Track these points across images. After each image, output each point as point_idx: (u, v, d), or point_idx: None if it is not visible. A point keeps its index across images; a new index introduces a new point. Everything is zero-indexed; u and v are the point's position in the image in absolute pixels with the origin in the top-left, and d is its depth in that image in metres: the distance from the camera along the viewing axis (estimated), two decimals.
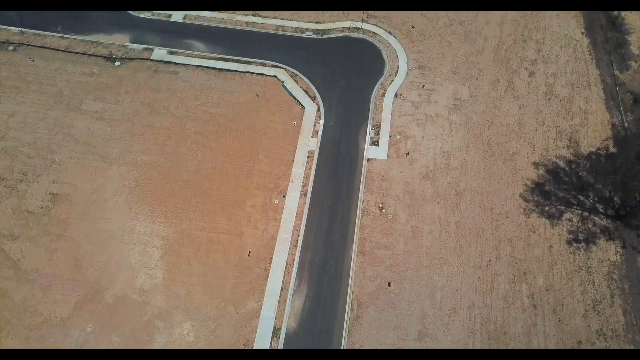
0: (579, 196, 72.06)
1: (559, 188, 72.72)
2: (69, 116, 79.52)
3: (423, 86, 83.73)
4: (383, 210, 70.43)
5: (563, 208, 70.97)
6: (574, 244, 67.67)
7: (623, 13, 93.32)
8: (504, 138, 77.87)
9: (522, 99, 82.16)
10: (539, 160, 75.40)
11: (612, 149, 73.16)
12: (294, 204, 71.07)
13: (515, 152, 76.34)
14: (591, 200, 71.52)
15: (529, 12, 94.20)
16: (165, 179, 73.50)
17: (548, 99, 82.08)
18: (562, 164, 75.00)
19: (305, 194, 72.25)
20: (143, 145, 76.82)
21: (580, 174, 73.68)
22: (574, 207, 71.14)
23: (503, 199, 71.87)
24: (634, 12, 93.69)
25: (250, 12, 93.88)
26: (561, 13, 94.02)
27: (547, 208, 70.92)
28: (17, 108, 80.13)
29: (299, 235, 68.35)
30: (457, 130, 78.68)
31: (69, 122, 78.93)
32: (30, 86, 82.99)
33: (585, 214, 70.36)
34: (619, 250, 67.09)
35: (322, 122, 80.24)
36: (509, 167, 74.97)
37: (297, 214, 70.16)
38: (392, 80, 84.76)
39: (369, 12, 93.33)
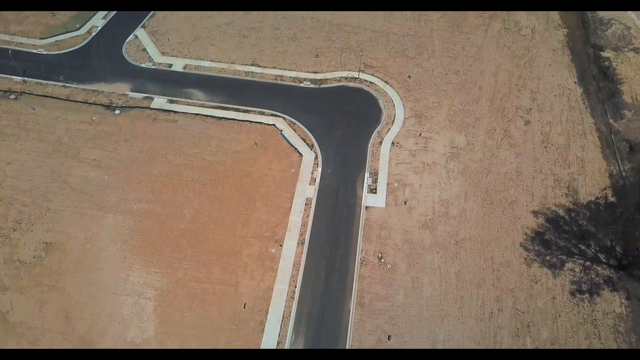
0: (580, 245, 71.09)
1: (560, 237, 71.85)
2: (67, 164, 79.47)
3: (420, 134, 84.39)
4: (382, 260, 69.22)
5: (564, 257, 69.84)
6: (578, 295, 66.12)
7: (614, 63, 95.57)
8: (502, 186, 77.69)
9: (519, 147, 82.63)
10: (538, 209, 74.91)
11: (611, 198, 72.82)
12: (291, 254, 69.88)
13: (514, 201, 75.96)
14: (593, 250, 70.50)
15: (522, 62, 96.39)
16: (161, 228, 72.56)
17: (545, 147, 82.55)
18: (561, 212, 74.48)
19: (302, 243, 71.19)
20: (140, 194, 76.35)
21: (580, 222, 73.03)
22: (576, 256, 70.03)
23: (503, 248, 70.85)
24: (624, 61, 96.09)
25: (250, 62, 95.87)
26: (554, 64, 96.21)
27: (548, 257, 69.79)
28: (15, 156, 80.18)
29: (296, 287, 66.76)
30: (455, 178, 78.61)
31: (66, 170, 78.80)
32: (30, 134, 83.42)
33: (588, 263, 69.16)
34: (623, 301, 65.47)
35: (319, 169, 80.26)
36: (508, 215, 74.38)
37: (294, 264, 68.85)
38: (389, 129, 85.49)
39: (365, 61, 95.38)
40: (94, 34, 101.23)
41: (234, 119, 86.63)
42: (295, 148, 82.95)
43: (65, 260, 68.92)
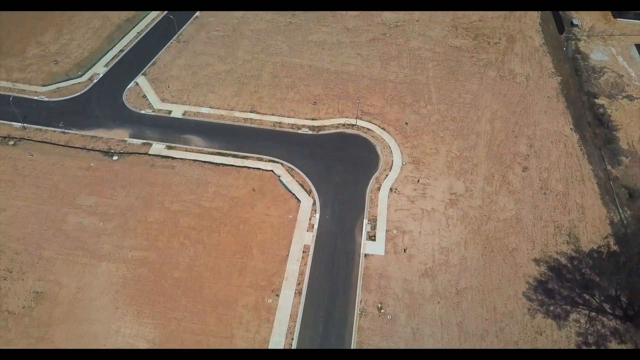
0: (584, 295, 69.44)
1: (563, 286, 70.30)
2: (62, 211, 78.57)
3: (418, 181, 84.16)
4: (382, 311, 67.32)
5: (569, 308, 68.05)
6: (584, 348, 63.90)
7: (609, 110, 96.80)
8: (503, 233, 76.75)
9: (518, 194, 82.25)
10: (539, 257, 73.69)
11: (613, 247, 71.78)
12: (287, 304, 67.97)
13: (514, 248, 74.84)
14: (597, 300, 68.81)
15: (518, 109, 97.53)
16: (155, 277, 70.90)
17: (544, 194, 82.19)
18: (563, 260, 73.22)
19: (300, 293, 69.42)
20: (135, 241, 75.12)
21: (583, 271, 71.65)
22: (580, 306, 68.26)
23: (506, 297, 69.14)
24: (619, 108, 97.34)
25: (249, 109, 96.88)
26: (549, 110, 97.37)
27: (552, 308, 68.00)
28: (10, 202, 79.38)
29: (292, 339, 64.51)
30: (455, 225, 77.74)
31: (61, 216, 77.82)
32: (26, 180, 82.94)
33: (593, 314, 67.33)
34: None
35: (317, 215, 79.44)
36: (510, 263, 73.07)
37: (291, 315, 66.85)
38: (386, 175, 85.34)
39: (363, 109, 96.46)
40: (95, 81, 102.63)
41: (232, 165, 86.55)
42: (293, 194, 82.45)
43: (56, 310, 66.89)
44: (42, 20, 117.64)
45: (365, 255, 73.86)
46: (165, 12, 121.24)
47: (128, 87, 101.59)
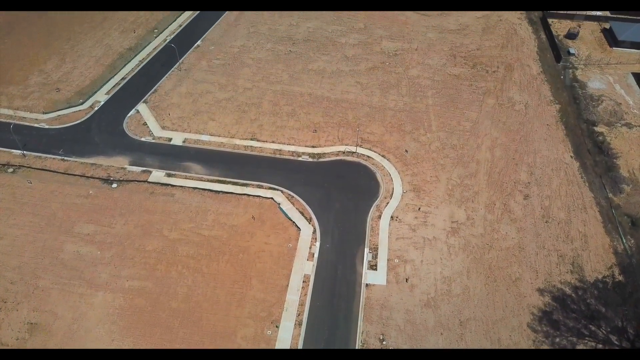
0: (590, 326, 68.08)
1: (568, 317, 69.00)
2: (59, 239, 77.67)
3: (419, 209, 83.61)
4: (384, 343, 65.79)
5: (575, 340, 66.61)
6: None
7: (608, 138, 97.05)
8: (505, 262, 75.80)
9: (520, 222, 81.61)
10: (543, 287, 72.58)
11: (618, 277, 70.78)
12: (287, 336, 66.49)
13: (518, 278, 73.78)
14: (604, 331, 67.41)
15: (517, 137, 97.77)
16: (152, 307, 69.57)
17: (546, 222, 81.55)
18: (568, 290, 72.10)
19: (299, 324, 68.01)
20: (132, 270, 74.01)
21: (588, 301, 70.44)
22: (587, 338, 66.83)
23: (510, 329, 67.77)
24: (618, 136, 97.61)
25: (249, 136, 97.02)
26: (549, 138, 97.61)
27: (558, 339, 66.57)
28: (6, 231, 78.52)
29: None
30: (457, 254, 76.84)
31: (58, 245, 76.87)
32: (24, 208, 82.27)
33: (600, 346, 65.84)
34: None
35: (318, 244, 78.58)
36: (513, 293, 71.91)
37: (290, 348, 65.21)
38: (387, 203, 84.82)
39: (363, 136, 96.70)
40: (96, 108, 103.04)
41: (231, 193, 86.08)
42: (293, 222, 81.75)
43: (50, 342, 65.41)
44: (45, 48, 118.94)
45: (367, 285, 72.72)
46: (166, 41, 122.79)
47: (129, 114, 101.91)
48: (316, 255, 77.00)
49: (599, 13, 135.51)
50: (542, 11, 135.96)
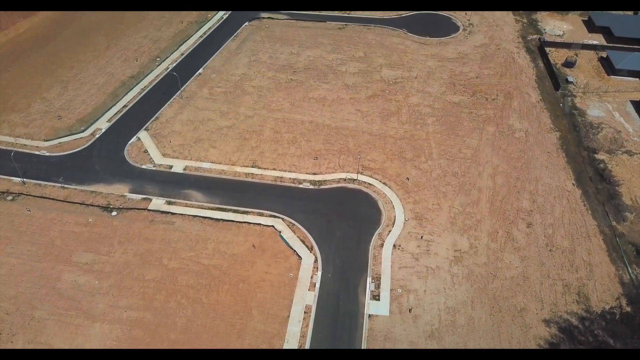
0: None
1: (576, 349, 67.34)
2: (57, 268, 76.52)
3: (421, 237, 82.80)
4: None
5: None
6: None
7: (609, 166, 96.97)
8: (510, 292, 74.59)
9: (523, 251, 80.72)
10: (549, 317, 71.23)
11: (626, 308, 69.58)
12: None
13: (523, 308, 72.46)
14: None
15: (519, 164, 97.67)
16: (150, 339, 67.99)
17: (550, 251, 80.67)
18: (574, 321, 70.69)
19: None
20: (131, 300, 72.67)
21: (596, 332, 68.98)
22: None
23: None
24: (619, 164, 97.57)
25: (250, 164, 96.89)
26: (550, 165, 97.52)
27: None
28: (4, 260, 77.43)
29: None
30: (460, 283, 75.68)
31: (55, 274, 75.69)
32: (22, 237, 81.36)
33: None
34: None
35: (319, 273, 77.45)
36: (519, 324, 70.48)
37: None
38: (389, 231, 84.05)
39: (364, 164, 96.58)
40: (97, 136, 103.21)
41: (232, 221, 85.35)
42: (294, 250, 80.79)
43: None
44: (48, 76, 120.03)
45: (369, 315, 71.33)
46: (168, 69, 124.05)
47: (130, 142, 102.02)
48: (318, 285, 75.80)
49: (595, 42, 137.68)
50: (540, 39, 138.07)
